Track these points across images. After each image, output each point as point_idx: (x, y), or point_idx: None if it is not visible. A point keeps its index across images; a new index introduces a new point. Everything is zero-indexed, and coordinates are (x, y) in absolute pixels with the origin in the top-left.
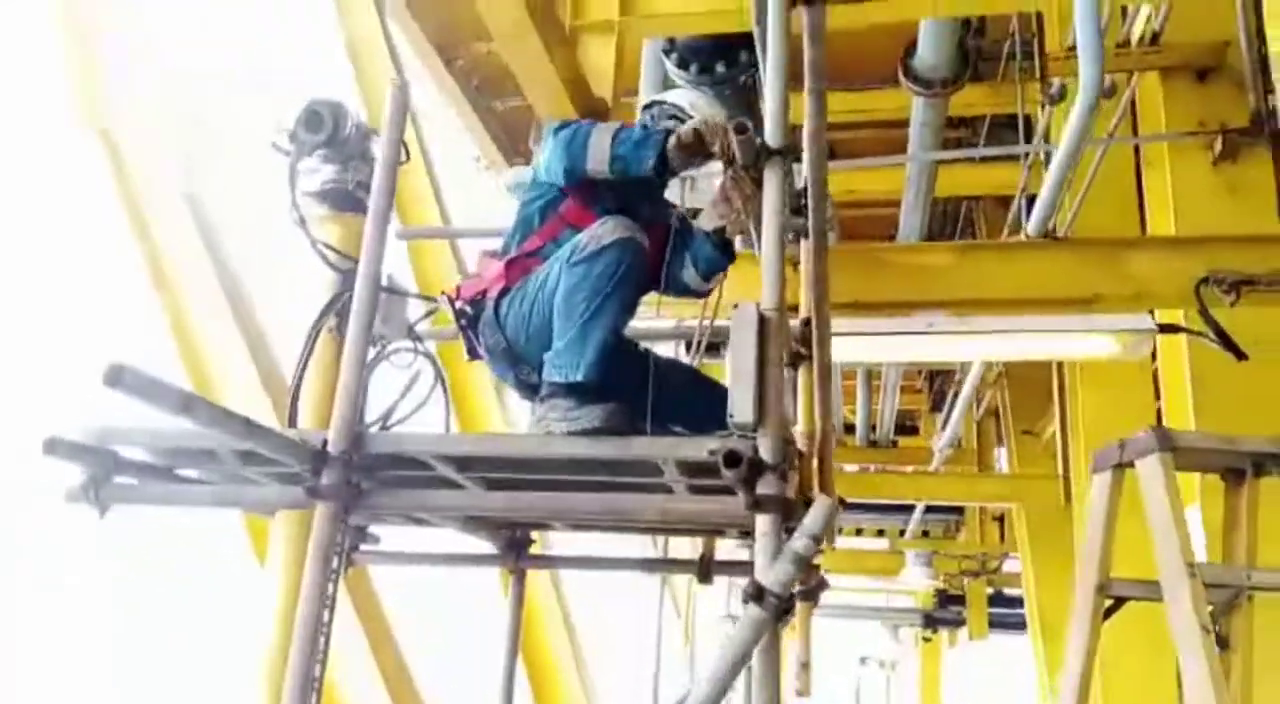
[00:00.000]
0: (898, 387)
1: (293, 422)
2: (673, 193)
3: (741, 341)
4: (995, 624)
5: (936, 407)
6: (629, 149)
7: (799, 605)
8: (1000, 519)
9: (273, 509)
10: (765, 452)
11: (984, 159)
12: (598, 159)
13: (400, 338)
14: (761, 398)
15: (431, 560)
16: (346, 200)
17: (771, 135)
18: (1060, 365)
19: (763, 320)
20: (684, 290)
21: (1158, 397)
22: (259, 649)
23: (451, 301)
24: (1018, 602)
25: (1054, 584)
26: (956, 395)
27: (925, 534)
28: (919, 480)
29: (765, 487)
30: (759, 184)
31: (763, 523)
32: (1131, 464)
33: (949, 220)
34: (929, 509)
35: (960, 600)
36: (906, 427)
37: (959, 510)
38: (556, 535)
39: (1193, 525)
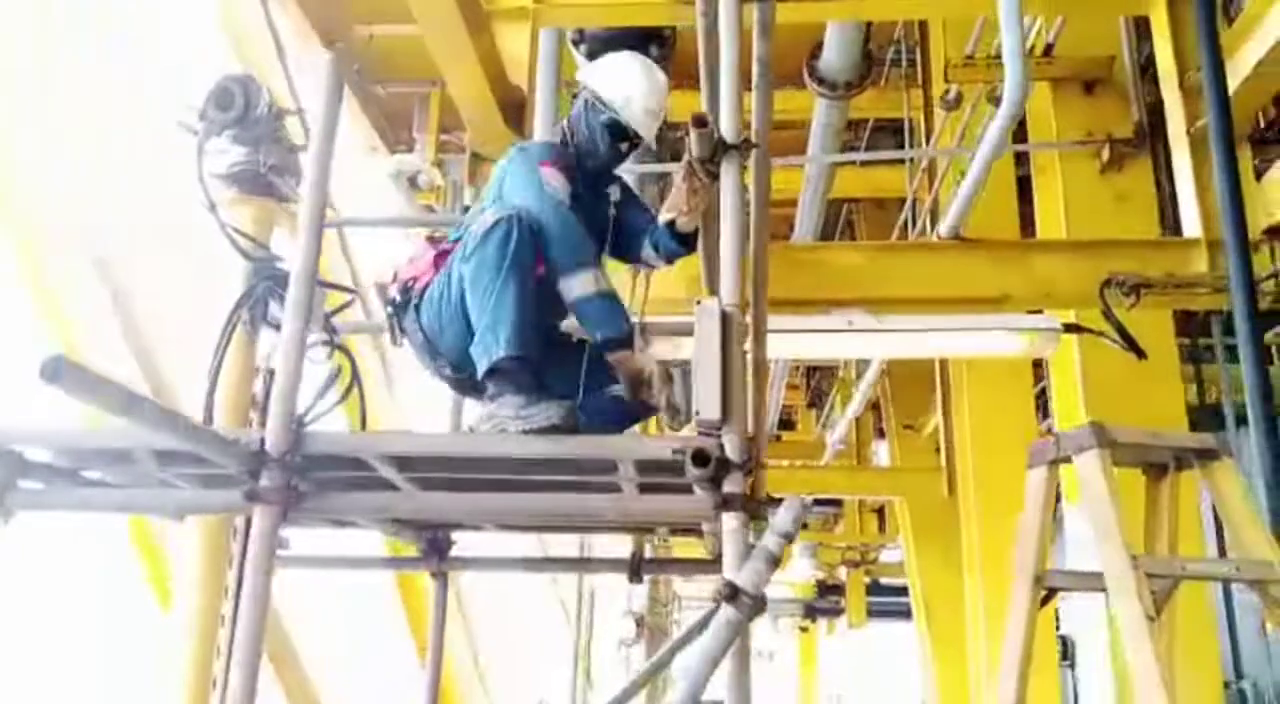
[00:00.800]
0: (784, 383)
1: (209, 419)
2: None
3: (705, 338)
4: (873, 612)
5: (814, 403)
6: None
7: None
8: (878, 510)
9: (197, 513)
10: (731, 449)
11: (865, 163)
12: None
13: (315, 330)
14: (726, 394)
15: (352, 564)
16: (257, 183)
17: (727, 130)
18: (944, 362)
19: (725, 317)
20: (640, 262)
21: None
22: (168, 667)
23: (382, 288)
24: (894, 591)
25: (937, 574)
26: (835, 391)
27: (804, 527)
28: (808, 474)
29: (731, 484)
30: (714, 178)
31: (730, 521)
32: (1068, 459)
33: (829, 222)
34: (813, 502)
35: (839, 590)
36: (785, 422)
37: (837, 503)
38: (462, 536)
39: (1080, 520)
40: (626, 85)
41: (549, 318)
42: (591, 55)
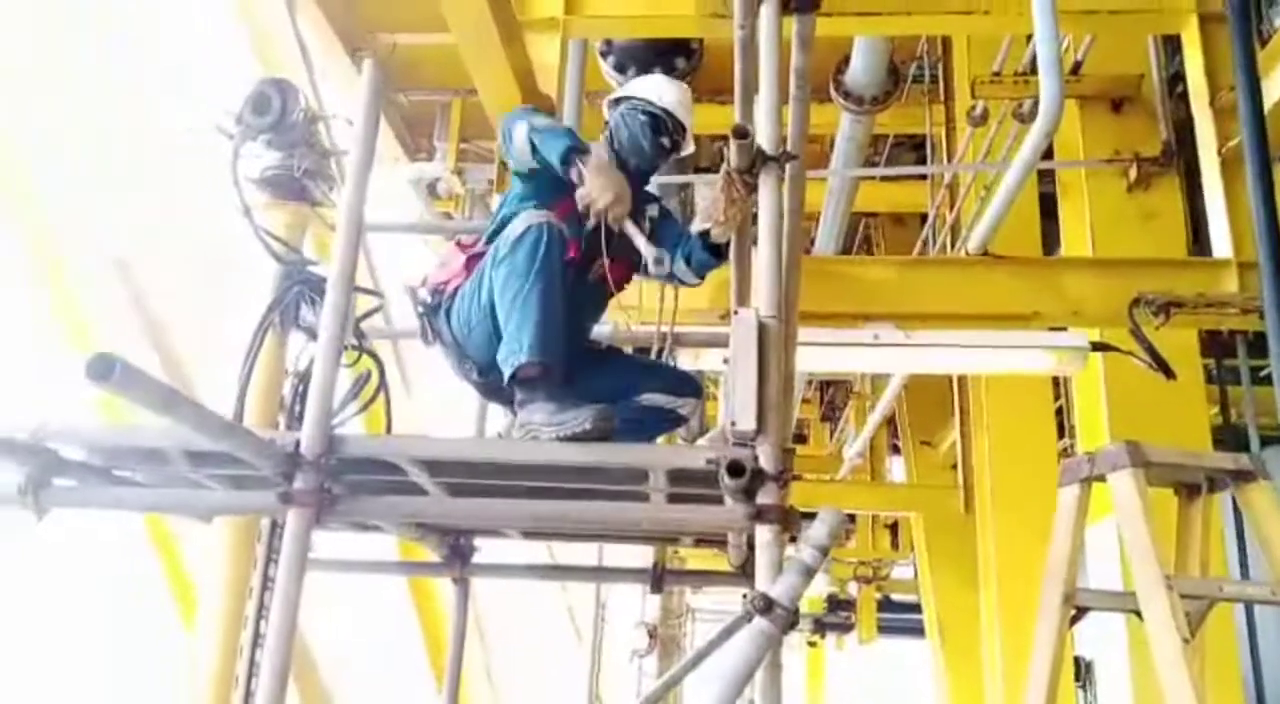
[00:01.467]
0: (800, 397)
1: (239, 421)
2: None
3: (741, 349)
4: (883, 629)
5: (827, 416)
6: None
7: None
8: (891, 526)
9: (229, 514)
10: (765, 460)
11: (885, 178)
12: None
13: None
14: (761, 405)
15: (376, 568)
16: (291, 188)
17: (766, 141)
18: (961, 378)
19: (762, 328)
20: (672, 278)
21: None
22: (190, 668)
23: (414, 289)
24: (905, 607)
25: (953, 592)
26: (850, 406)
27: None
28: (822, 488)
29: (766, 496)
30: (752, 190)
31: (764, 533)
32: (1101, 478)
33: (846, 236)
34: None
35: (849, 606)
36: (798, 436)
37: (850, 518)
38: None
39: (1109, 540)
40: (659, 87)
41: (577, 325)
42: (619, 67)
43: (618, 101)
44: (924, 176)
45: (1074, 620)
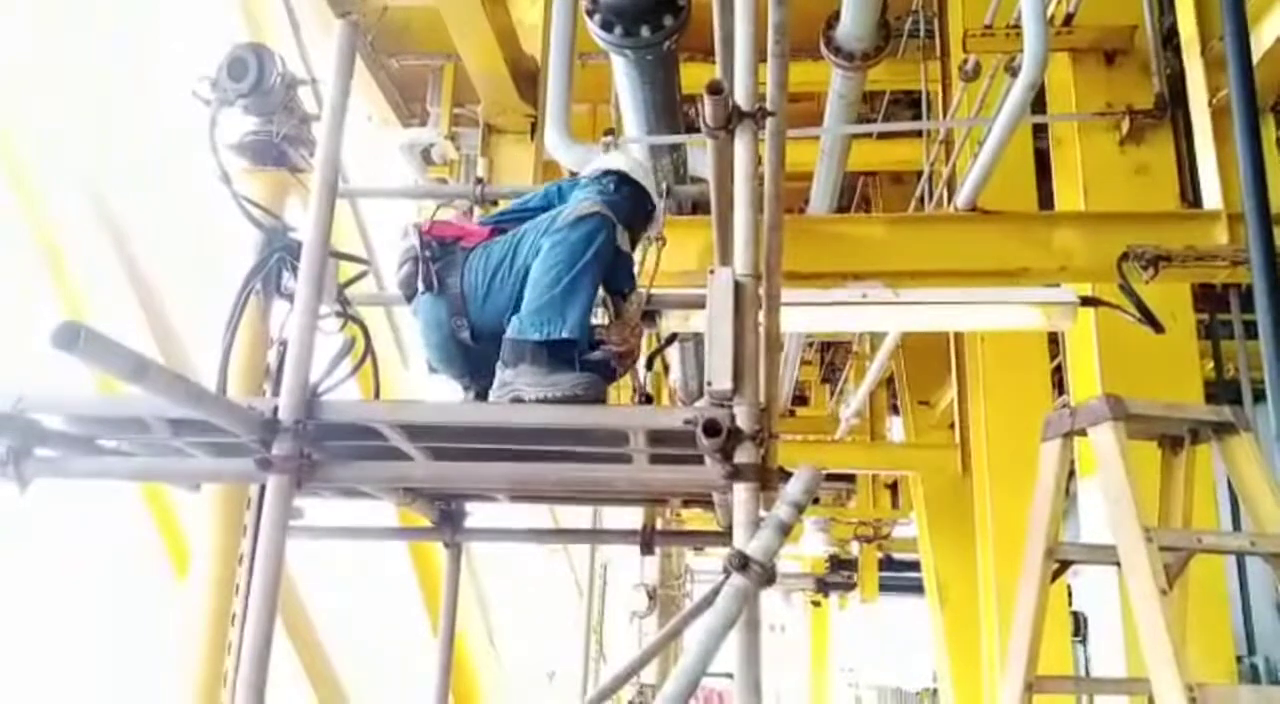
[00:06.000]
0: (798, 358)
1: (222, 389)
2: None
3: (717, 308)
4: (885, 587)
5: (827, 378)
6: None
7: None
8: (891, 486)
9: (210, 482)
10: (742, 420)
11: (883, 135)
12: None
13: (329, 302)
14: (737, 365)
15: (365, 534)
16: (269, 153)
17: (742, 98)
18: (958, 337)
19: (738, 286)
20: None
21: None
22: (183, 633)
23: (421, 232)
24: (906, 566)
25: (951, 550)
26: (850, 366)
27: (816, 501)
28: (821, 449)
29: (743, 455)
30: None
31: (741, 491)
32: (1083, 432)
33: (844, 195)
34: (825, 477)
35: (851, 565)
36: (799, 397)
37: (850, 478)
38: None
39: (1094, 494)
40: (642, 172)
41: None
42: (605, 25)
43: (608, 177)
44: (920, 133)
45: (1057, 574)
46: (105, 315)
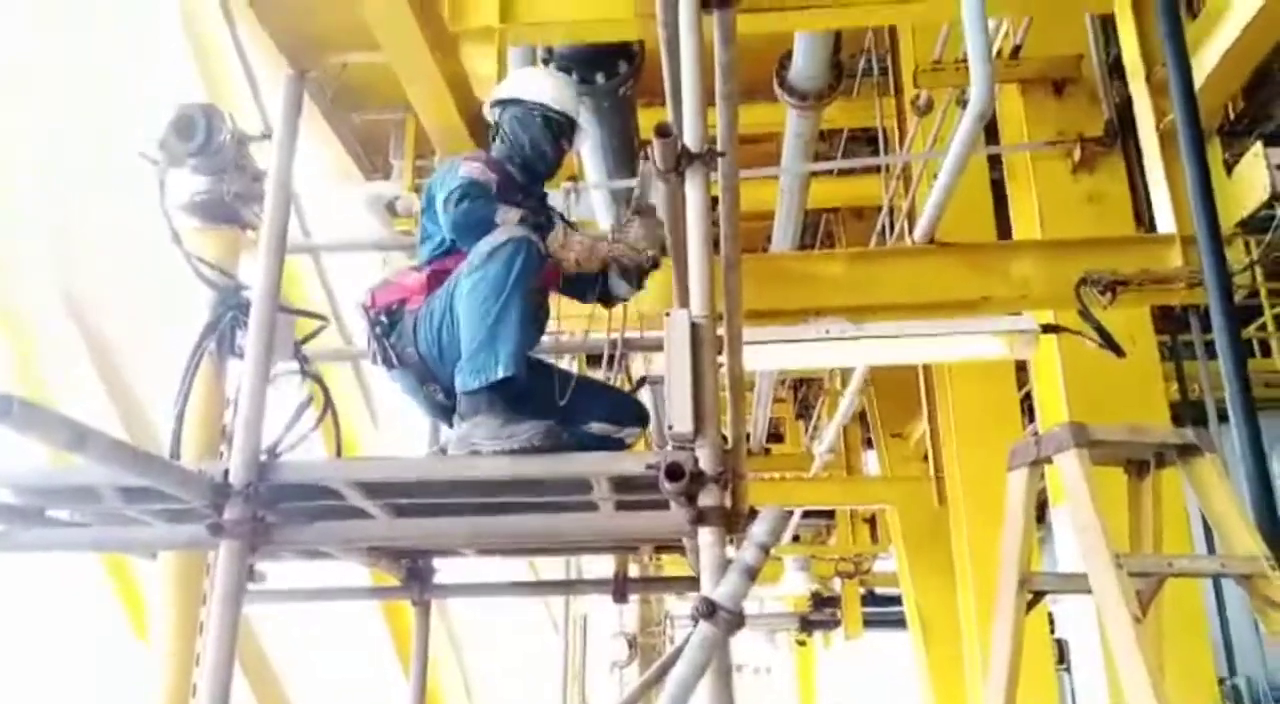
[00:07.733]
0: (771, 396)
1: (175, 453)
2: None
3: (675, 350)
4: (869, 623)
5: (801, 415)
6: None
7: None
8: (870, 520)
9: (165, 549)
10: (705, 462)
11: (842, 172)
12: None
13: (286, 359)
14: (698, 406)
15: (331, 595)
16: (221, 212)
17: (691, 139)
18: (927, 368)
19: (695, 328)
20: (610, 298)
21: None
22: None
23: (366, 309)
24: (889, 600)
25: (932, 583)
26: (822, 402)
27: (796, 539)
28: (797, 486)
29: (707, 498)
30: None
31: (706, 535)
32: (1049, 460)
33: (808, 233)
34: (803, 514)
35: (834, 602)
36: (774, 435)
37: (829, 514)
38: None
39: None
40: (548, 87)
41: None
42: (562, 72)
43: (503, 102)
44: (879, 169)
45: (1031, 605)
46: (62, 381)
